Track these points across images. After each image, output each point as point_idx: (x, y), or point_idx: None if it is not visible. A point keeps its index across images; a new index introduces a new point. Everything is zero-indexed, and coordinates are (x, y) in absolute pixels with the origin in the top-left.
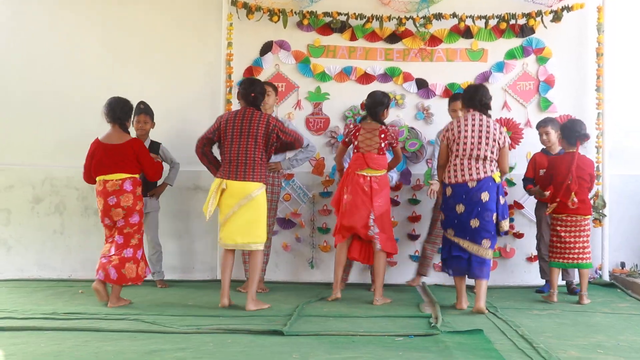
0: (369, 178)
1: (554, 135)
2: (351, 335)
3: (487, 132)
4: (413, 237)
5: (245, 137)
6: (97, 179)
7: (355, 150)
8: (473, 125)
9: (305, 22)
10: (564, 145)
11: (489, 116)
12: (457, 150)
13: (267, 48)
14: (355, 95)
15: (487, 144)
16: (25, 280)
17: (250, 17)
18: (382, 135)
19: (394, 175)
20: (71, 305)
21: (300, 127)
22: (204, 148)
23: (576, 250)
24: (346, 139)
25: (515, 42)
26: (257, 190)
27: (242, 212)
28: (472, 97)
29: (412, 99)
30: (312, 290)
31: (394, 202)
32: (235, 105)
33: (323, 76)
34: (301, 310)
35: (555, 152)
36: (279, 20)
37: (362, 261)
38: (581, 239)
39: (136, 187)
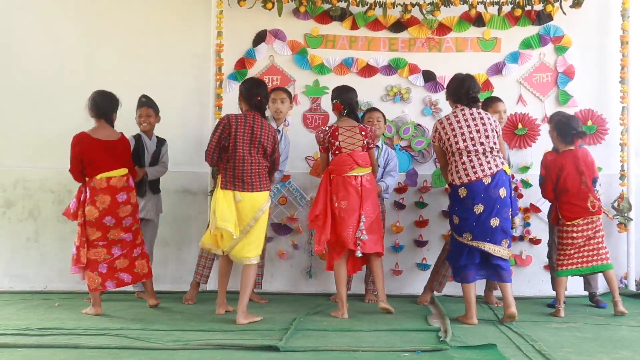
0: (359, 178)
1: None
2: (353, 351)
3: (483, 123)
4: (420, 243)
5: (255, 146)
6: (98, 177)
7: (337, 152)
8: (466, 119)
9: (302, 9)
10: (557, 143)
11: (478, 108)
12: (459, 148)
13: (260, 38)
14: (356, 89)
15: (487, 137)
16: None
17: (242, 3)
18: (363, 133)
19: (389, 182)
20: (46, 320)
21: (298, 124)
22: (214, 155)
23: (588, 253)
24: (325, 144)
25: (532, 30)
26: (267, 203)
27: (256, 226)
28: (458, 91)
29: (419, 93)
30: (311, 302)
31: (400, 206)
32: (227, 100)
33: (322, 68)
34: (298, 323)
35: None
36: (273, 7)
37: (355, 271)
38: (595, 240)
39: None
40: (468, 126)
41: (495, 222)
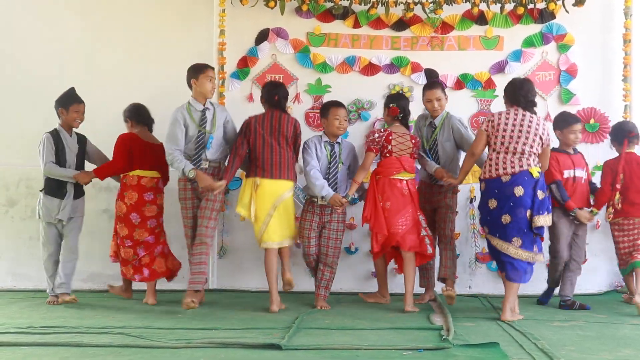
0: (405, 181)
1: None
2: (355, 349)
3: (529, 126)
4: None
5: (276, 136)
6: (131, 173)
7: (388, 155)
8: (515, 120)
9: (305, 7)
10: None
11: (535, 113)
12: (495, 143)
13: (263, 36)
14: (359, 87)
15: (527, 138)
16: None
17: (245, 2)
18: (413, 141)
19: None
20: (49, 319)
21: (300, 122)
22: (235, 161)
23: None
24: (377, 146)
25: (534, 29)
26: (288, 192)
27: (278, 213)
28: (516, 93)
29: (421, 91)
30: (313, 300)
31: None
32: (229, 99)
33: (324, 67)
34: (301, 322)
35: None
36: (275, 5)
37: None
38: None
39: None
40: (513, 125)
41: (506, 219)
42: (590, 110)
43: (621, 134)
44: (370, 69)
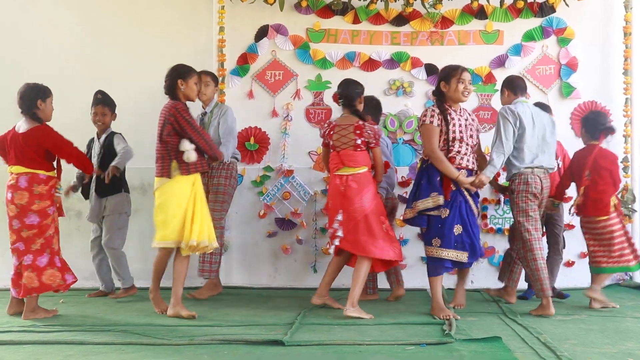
0: (345, 177)
1: None
2: (358, 345)
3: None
4: None
5: None
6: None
7: (332, 150)
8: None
9: (304, 4)
10: (586, 138)
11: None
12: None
13: (262, 33)
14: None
15: None
16: (0, 290)
17: None
18: (358, 132)
19: (381, 191)
20: (52, 317)
21: (300, 118)
22: None
23: (600, 254)
24: (325, 141)
25: (534, 22)
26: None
27: None
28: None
29: (422, 87)
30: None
31: (403, 199)
32: (230, 96)
33: (324, 63)
34: (303, 318)
35: None
36: (275, 2)
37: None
38: (603, 242)
39: (33, 184)
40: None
41: None
42: (590, 103)
43: (597, 127)
44: (370, 64)
